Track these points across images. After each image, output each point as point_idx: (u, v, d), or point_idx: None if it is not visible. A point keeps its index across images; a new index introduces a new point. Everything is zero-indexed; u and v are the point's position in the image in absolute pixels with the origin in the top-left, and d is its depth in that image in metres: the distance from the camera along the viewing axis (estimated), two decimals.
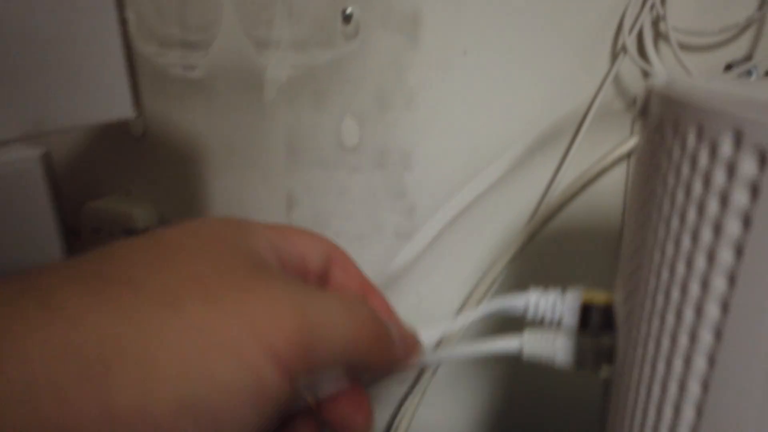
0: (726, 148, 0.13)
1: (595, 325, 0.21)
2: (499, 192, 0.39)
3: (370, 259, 0.43)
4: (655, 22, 0.34)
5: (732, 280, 0.13)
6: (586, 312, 0.21)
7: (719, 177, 0.13)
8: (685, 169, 0.14)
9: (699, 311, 0.14)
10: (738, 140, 0.12)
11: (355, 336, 0.16)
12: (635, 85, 0.35)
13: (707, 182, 0.13)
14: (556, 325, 0.22)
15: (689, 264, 0.14)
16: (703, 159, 0.13)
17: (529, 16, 0.36)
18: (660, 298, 0.15)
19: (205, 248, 0.15)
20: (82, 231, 0.47)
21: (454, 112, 0.39)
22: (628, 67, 0.35)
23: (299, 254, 0.19)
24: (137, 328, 0.13)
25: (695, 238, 0.14)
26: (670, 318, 0.15)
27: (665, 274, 0.15)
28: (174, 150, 0.46)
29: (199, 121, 0.45)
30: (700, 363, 0.14)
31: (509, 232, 0.39)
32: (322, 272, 0.20)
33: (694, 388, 0.14)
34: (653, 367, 0.15)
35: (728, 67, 0.33)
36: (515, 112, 0.38)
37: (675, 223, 0.14)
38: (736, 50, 0.33)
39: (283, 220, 0.44)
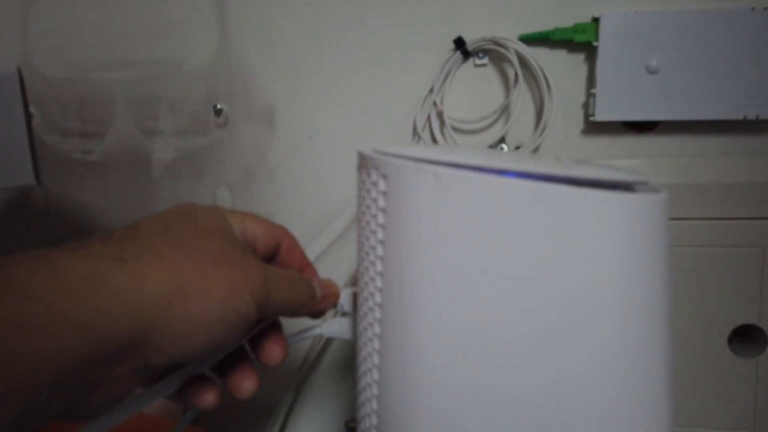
0: (374, 175, 0.24)
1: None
2: (343, 241, 0.50)
3: None
4: (439, 114, 0.47)
5: (382, 245, 0.24)
6: (356, 299, 0.31)
7: (373, 190, 0.24)
8: (363, 189, 0.25)
9: (372, 275, 0.24)
10: (377, 171, 0.24)
11: (292, 298, 0.27)
12: None
13: (369, 193, 0.24)
14: (342, 312, 0.32)
15: (367, 239, 0.25)
16: (368, 182, 0.25)
17: (355, 107, 0.49)
18: (362, 272, 0.26)
19: (207, 230, 0.24)
20: None
21: (305, 183, 0.51)
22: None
23: (252, 236, 0.28)
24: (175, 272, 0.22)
25: (367, 228, 0.25)
26: (365, 289, 0.25)
27: (361, 255, 0.26)
28: (73, 222, 0.53)
29: (96, 197, 0.53)
30: (376, 298, 0.24)
31: (353, 274, 0.50)
32: (270, 251, 0.30)
33: (376, 311, 0.24)
34: (364, 312, 0.26)
35: (491, 146, 0.47)
36: (350, 182, 0.50)
37: (362, 224, 0.25)
38: (495, 133, 0.47)
39: None
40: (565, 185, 0.20)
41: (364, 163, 0.26)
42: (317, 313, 0.31)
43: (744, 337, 0.42)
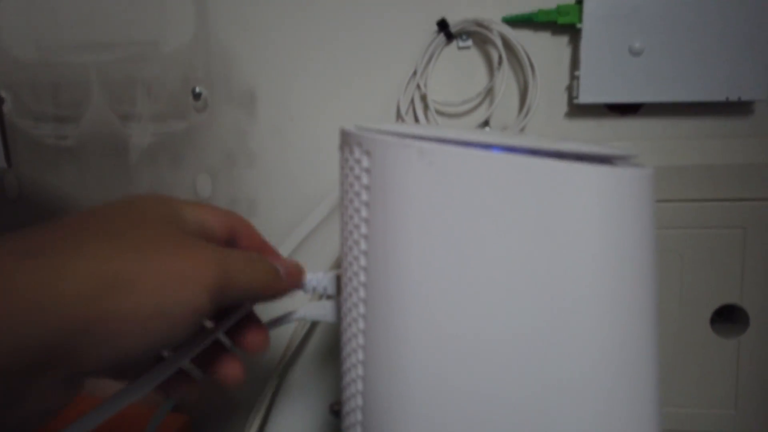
0: (357, 152, 0.23)
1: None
2: (328, 227, 0.50)
3: None
4: (423, 97, 0.47)
5: (366, 223, 0.23)
6: (339, 282, 0.31)
7: (356, 168, 0.24)
8: (346, 167, 0.25)
9: (356, 257, 0.24)
10: (360, 148, 0.23)
11: (253, 279, 0.25)
12: None
13: (352, 171, 0.24)
14: (326, 295, 0.31)
15: (350, 218, 0.24)
16: (351, 159, 0.24)
17: (338, 90, 0.48)
18: (346, 251, 0.25)
19: (146, 218, 0.23)
20: None
21: (288, 168, 0.50)
22: None
23: (204, 224, 0.26)
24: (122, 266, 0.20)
25: (350, 207, 0.24)
26: (349, 268, 0.25)
27: (345, 234, 0.25)
28: (48, 210, 0.52)
29: (72, 183, 0.52)
30: (361, 278, 0.24)
31: (337, 260, 0.49)
32: (227, 238, 0.28)
33: (361, 291, 0.24)
34: (348, 293, 0.25)
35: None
36: (333, 166, 0.49)
37: (345, 202, 0.25)
38: (479, 116, 0.47)
39: None
40: (553, 159, 0.20)
41: (346, 140, 0.25)
42: (282, 293, 0.29)
43: (726, 318, 0.42)
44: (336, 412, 0.49)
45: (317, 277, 0.31)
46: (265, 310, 0.34)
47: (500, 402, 0.21)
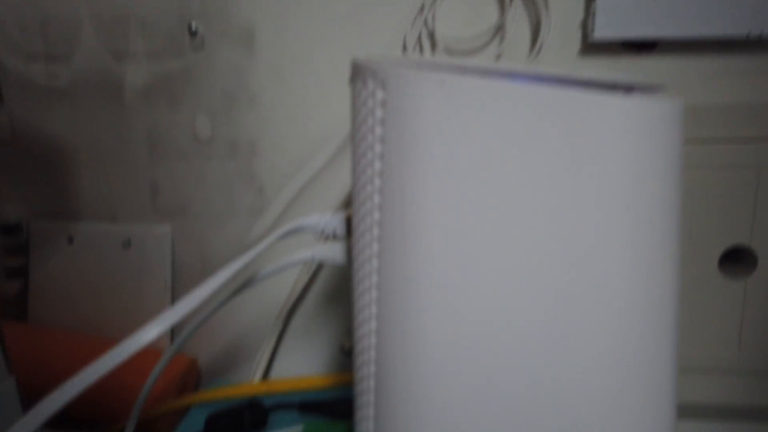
0: (371, 84, 0.22)
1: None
2: (331, 169, 0.48)
3: (229, 236, 0.50)
4: (431, 34, 0.45)
5: (381, 159, 0.22)
6: (349, 223, 0.30)
7: (370, 101, 0.22)
8: (359, 101, 0.23)
9: (371, 195, 0.23)
10: (375, 79, 0.22)
11: None
12: None
13: (365, 105, 0.23)
14: (334, 236, 0.31)
15: (363, 155, 0.23)
16: (364, 93, 0.23)
17: (342, 26, 0.46)
18: (358, 190, 0.24)
19: None
20: None
21: (290, 108, 0.48)
22: None
23: None
24: None
25: (363, 143, 0.23)
26: (362, 206, 0.24)
27: (357, 172, 0.24)
28: (41, 151, 0.51)
29: (65, 124, 0.50)
30: (375, 216, 0.23)
31: (342, 202, 0.48)
32: None
33: (375, 229, 0.23)
34: (361, 232, 0.25)
35: None
36: (339, 106, 0.47)
37: (357, 138, 0.24)
38: (489, 54, 0.45)
39: (149, 207, 0.50)
40: (584, 90, 0.19)
41: (359, 72, 0.24)
42: None
43: (733, 260, 0.42)
44: (347, 351, 0.49)
45: (326, 218, 0.31)
46: (273, 253, 0.34)
47: (517, 333, 0.21)
